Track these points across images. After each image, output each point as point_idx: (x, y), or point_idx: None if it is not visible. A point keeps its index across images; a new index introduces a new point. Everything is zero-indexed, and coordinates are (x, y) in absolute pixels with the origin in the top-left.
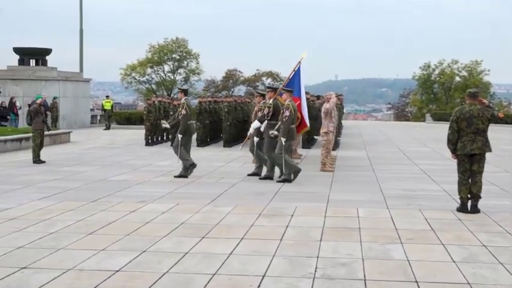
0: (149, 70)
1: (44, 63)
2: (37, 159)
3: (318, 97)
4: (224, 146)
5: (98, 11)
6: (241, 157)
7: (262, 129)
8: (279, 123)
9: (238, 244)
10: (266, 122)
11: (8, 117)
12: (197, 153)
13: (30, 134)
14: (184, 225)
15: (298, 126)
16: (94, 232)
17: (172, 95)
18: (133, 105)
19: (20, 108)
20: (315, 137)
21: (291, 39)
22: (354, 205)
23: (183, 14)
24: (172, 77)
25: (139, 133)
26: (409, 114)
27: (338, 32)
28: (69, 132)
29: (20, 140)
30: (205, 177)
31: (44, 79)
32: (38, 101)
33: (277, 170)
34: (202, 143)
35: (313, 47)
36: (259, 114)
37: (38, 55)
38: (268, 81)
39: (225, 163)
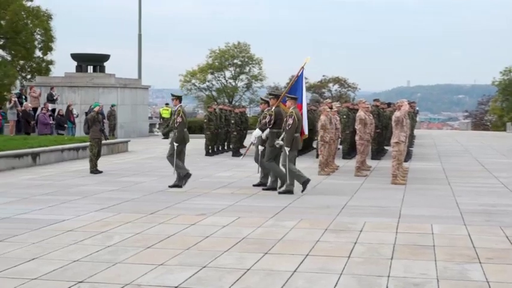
0: (209, 76)
1: (102, 69)
2: (94, 169)
3: (388, 104)
4: None
5: (157, 16)
6: (306, 168)
7: (264, 137)
8: (283, 132)
9: (302, 261)
10: (268, 130)
11: (65, 125)
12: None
13: (88, 143)
14: (245, 240)
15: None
16: (152, 246)
17: (233, 102)
18: (193, 113)
19: (77, 116)
20: (386, 147)
21: (360, 43)
22: (428, 221)
23: (245, 18)
24: (234, 84)
25: (199, 142)
26: (488, 123)
27: (410, 34)
28: (127, 142)
29: (77, 149)
30: None
31: (102, 86)
32: (96, 109)
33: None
34: None
35: (384, 50)
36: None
37: (96, 61)
38: (335, 87)
39: None
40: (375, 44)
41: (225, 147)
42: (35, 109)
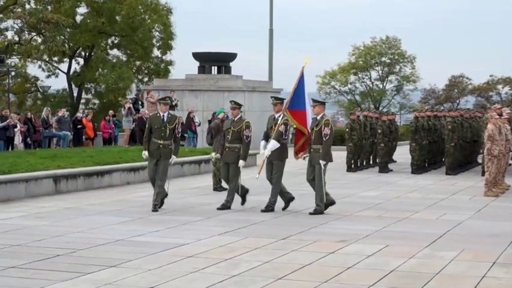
0: (352, 77)
1: (228, 70)
2: (218, 186)
3: None
4: (447, 173)
5: (290, 8)
6: (469, 188)
7: (268, 152)
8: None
9: None
10: (274, 142)
11: (186, 135)
12: (412, 182)
13: (211, 156)
14: (395, 273)
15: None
16: (284, 277)
17: (381, 108)
18: (333, 121)
19: (199, 124)
20: None
21: None
22: None
23: (395, 9)
24: (381, 86)
25: (339, 156)
26: None
27: None
28: (255, 154)
29: (198, 162)
30: (421, 212)
31: (227, 90)
32: (220, 116)
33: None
34: (418, 169)
35: None
36: (247, 132)
37: (221, 61)
38: (505, 90)
39: (448, 195)
40: None
41: (371, 162)
42: None
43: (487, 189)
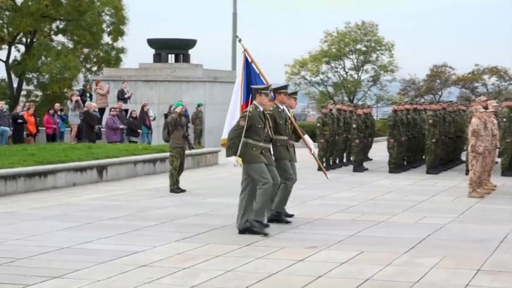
0: (324, 67)
1: (186, 59)
2: (175, 187)
3: None
4: (428, 173)
5: None
6: (452, 188)
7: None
8: None
9: None
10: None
11: (139, 130)
12: (390, 182)
13: (167, 154)
14: (370, 282)
15: None
16: (249, 287)
17: (355, 101)
18: (302, 115)
19: (154, 119)
20: None
21: None
22: None
23: None
24: (356, 76)
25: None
26: None
27: None
28: (217, 152)
29: (153, 161)
30: (399, 215)
31: (186, 80)
32: (178, 110)
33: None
34: (396, 167)
35: None
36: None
37: (179, 48)
38: (492, 80)
39: (429, 196)
40: None
41: (344, 160)
42: (102, 110)
43: (471, 190)
